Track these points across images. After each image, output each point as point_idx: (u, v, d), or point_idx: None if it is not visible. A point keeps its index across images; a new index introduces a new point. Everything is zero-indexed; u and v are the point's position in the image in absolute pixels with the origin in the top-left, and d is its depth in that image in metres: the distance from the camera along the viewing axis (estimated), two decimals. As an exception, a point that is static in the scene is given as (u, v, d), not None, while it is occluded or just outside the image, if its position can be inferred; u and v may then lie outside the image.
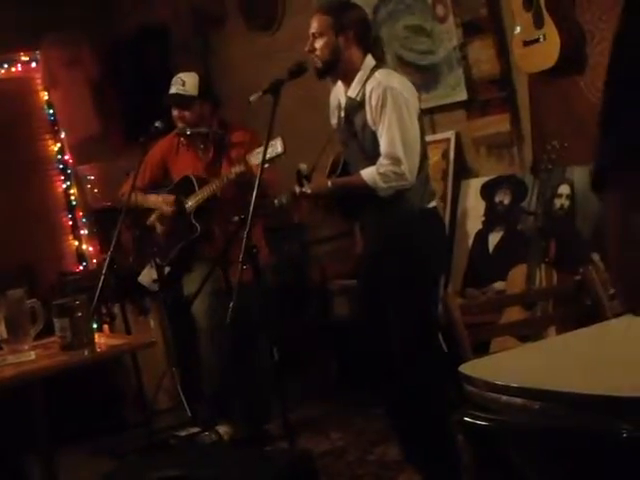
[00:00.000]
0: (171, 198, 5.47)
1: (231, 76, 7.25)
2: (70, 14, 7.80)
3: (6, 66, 7.84)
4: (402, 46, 5.90)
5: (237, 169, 5.06)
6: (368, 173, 4.13)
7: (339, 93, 4.37)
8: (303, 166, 4.25)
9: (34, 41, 7.82)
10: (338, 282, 6.28)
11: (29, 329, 3.95)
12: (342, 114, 4.32)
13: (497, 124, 5.50)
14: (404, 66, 5.82)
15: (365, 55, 4.25)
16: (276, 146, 4.40)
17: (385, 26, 5.98)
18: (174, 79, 5.47)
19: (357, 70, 4.23)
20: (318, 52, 4.24)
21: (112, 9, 8.00)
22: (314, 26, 4.27)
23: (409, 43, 5.88)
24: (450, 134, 5.78)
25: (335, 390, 6.12)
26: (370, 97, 4.13)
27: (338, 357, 6.24)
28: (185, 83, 5.43)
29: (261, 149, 4.71)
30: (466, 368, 2.37)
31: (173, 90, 5.45)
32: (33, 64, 7.98)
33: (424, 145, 4.25)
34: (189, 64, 6.59)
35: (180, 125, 5.46)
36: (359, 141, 4.23)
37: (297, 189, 4.25)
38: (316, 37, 4.25)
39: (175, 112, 5.45)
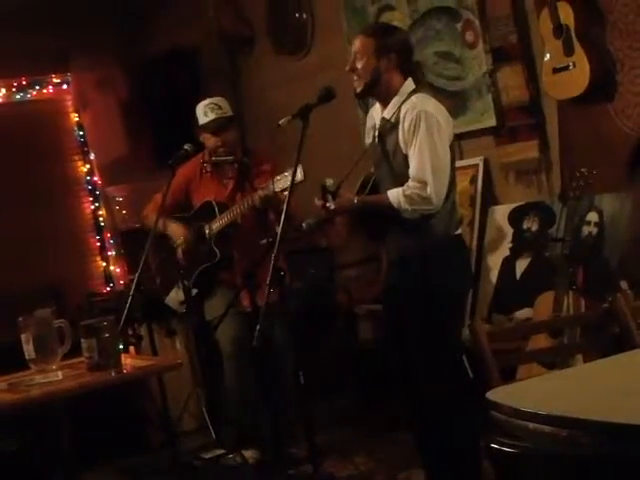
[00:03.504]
0: (187, 233, 5.51)
1: (260, 99, 7.28)
2: (101, 37, 7.88)
3: (38, 88, 7.93)
4: (431, 72, 5.90)
5: (261, 193, 5.06)
6: (394, 194, 4.12)
7: (375, 114, 4.37)
8: (330, 181, 4.21)
9: (66, 63, 7.90)
10: (364, 306, 6.27)
11: (57, 349, 3.97)
12: (376, 134, 4.33)
13: (526, 150, 5.49)
14: (433, 92, 5.82)
15: (405, 79, 4.26)
16: (296, 173, 4.40)
17: (415, 52, 5.98)
18: (206, 107, 5.43)
19: (396, 93, 4.23)
20: (359, 73, 4.25)
21: (142, 32, 8.06)
22: (357, 47, 4.27)
23: (438, 69, 5.89)
24: (478, 160, 5.77)
25: (360, 414, 6.10)
26: (404, 120, 4.13)
27: (363, 381, 6.23)
28: (221, 107, 5.45)
29: (282, 176, 4.72)
30: (493, 395, 2.37)
31: (213, 116, 5.43)
32: (64, 86, 8.06)
33: (453, 173, 4.23)
34: (218, 87, 6.64)
35: (221, 151, 5.46)
36: (390, 162, 4.23)
37: (319, 202, 4.23)
38: (358, 58, 4.25)
39: (214, 139, 5.44)
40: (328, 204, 4.18)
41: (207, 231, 5.44)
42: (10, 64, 7.48)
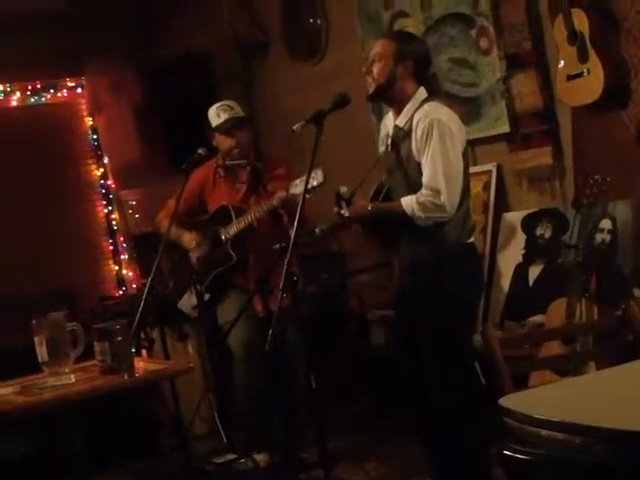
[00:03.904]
0: (200, 239, 5.51)
1: (274, 105, 7.29)
2: (115, 41, 7.90)
3: (52, 91, 7.95)
4: (445, 78, 5.90)
5: (279, 195, 5.05)
6: (407, 201, 4.14)
7: (388, 122, 4.39)
8: (344, 189, 4.24)
9: (80, 67, 7.92)
10: (376, 312, 6.27)
11: (70, 352, 3.98)
12: (389, 142, 4.34)
13: (539, 157, 5.48)
14: (447, 98, 5.82)
15: (418, 87, 4.28)
16: (317, 176, 4.41)
17: (432, 64, 5.98)
18: (218, 109, 5.48)
19: (408, 100, 4.25)
20: (374, 75, 4.27)
21: (157, 36, 8.09)
22: (376, 49, 4.31)
23: (452, 75, 5.89)
24: (492, 166, 5.77)
25: (372, 420, 6.09)
26: (416, 128, 4.15)
27: (375, 387, 6.23)
28: (233, 107, 5.48)
29: (300, 180, 4.72)
30: (506, 401, 2.37)
31: (226, 116, 5.46)
32: (79, 89, 8.08)
33: (467, 180, 4.24)
34: (232, 92, 6.64)
35: (235, 152, 5.46)
36: (403, 170, 4.24)
37: (335, 210, 4.26)
38: (375, 61, 4.28)
39: (229, 140, 5.45)
40: (342, 211, 4.21)
41: (224, 235, 5.44)
42: (25, 68, 7.51)
